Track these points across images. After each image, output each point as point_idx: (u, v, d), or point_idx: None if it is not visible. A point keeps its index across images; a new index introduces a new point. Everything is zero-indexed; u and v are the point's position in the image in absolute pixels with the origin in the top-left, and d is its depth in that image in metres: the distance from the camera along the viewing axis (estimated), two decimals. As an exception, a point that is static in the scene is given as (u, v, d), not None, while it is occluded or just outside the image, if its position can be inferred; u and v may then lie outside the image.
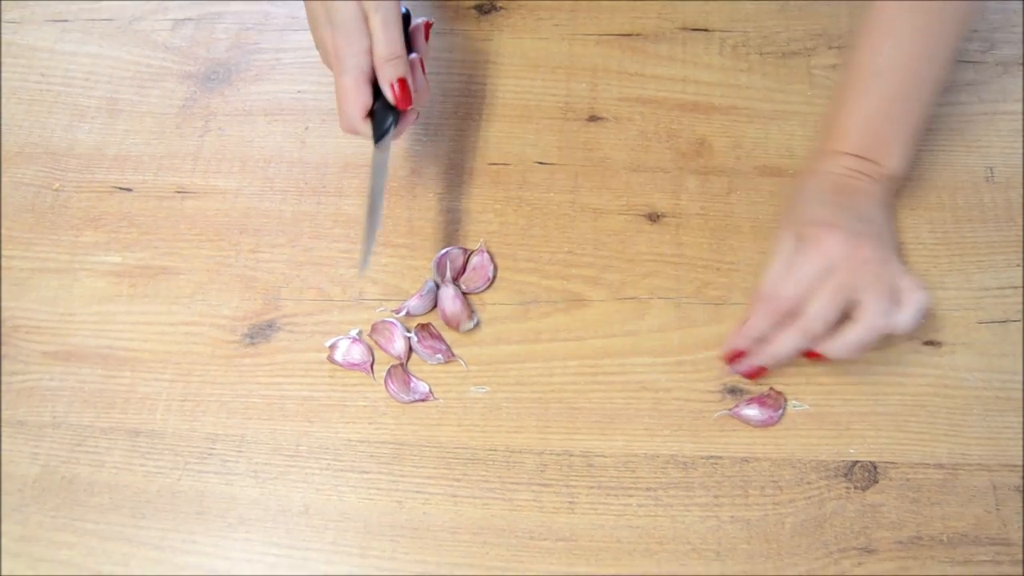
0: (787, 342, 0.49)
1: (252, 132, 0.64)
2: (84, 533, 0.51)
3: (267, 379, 0.55)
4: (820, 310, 0.48)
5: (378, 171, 0.53)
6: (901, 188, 0.57)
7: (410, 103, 0.51)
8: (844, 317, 0.49)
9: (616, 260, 0.58)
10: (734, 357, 0.52)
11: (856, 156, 0.53)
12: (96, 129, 0.65)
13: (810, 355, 0.51)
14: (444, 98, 0.64)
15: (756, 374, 0.52)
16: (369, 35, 0.49)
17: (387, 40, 0.49)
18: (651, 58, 0.65)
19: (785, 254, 0.50)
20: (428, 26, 0.54)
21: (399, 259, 0.58)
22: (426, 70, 0.54)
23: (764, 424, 0.52)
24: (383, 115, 0.51)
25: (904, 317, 0.49)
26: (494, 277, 0.57)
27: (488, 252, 0.58)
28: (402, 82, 0.50)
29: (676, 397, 0.53)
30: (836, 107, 0.55)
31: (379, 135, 0.51)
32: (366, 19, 0.49)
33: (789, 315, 0.49)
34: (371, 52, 0.50)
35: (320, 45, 0.52)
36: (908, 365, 0.54)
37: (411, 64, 0.51)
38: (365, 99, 0.50)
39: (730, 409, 0.52)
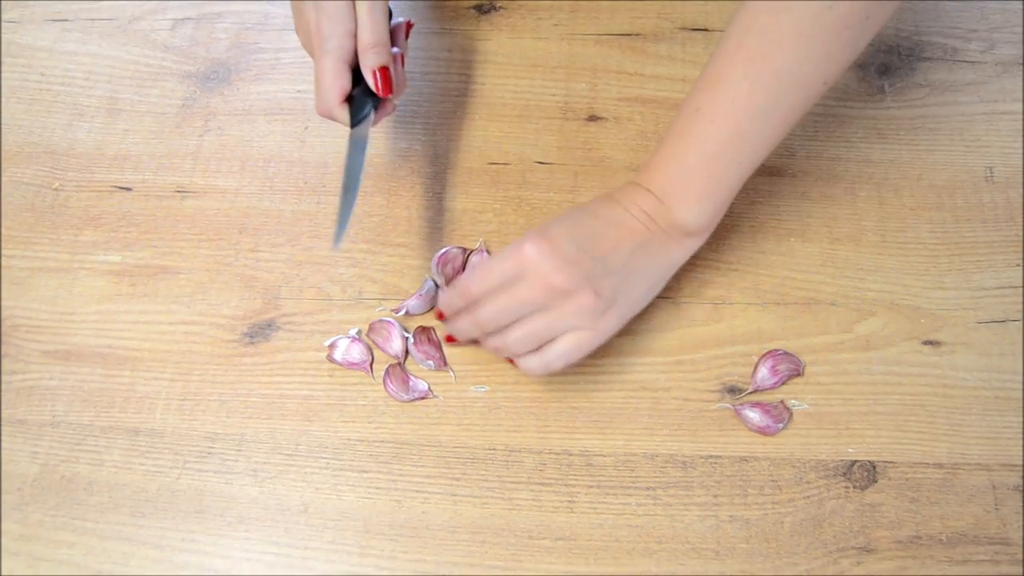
0: (463, 326, 0.51)
1: (252, 132, 0.64)
2: (84, 532, 0.51)
3: (266, 378, 0.55)
4: (488, 314, 0.49)
5: (354, 151, 0.52)
6: (706, 242, 0.52)
7: (391, 92, 0.51)
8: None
9: (615, 260, 0.58)
10: (439, 316, 0.53)
11: (653, 196, 0.49)
12: (96, 128, 0.65)
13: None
14: (444, 98, 0.65)
15: (449, 339, 0.53)
16: (355, 20, 0.50)
17: (373, 26, 0.49)
18: (651, 58, 0.65)
19: (505, 249, 0.49)
20: (409, 26, 0.54)
21: (398, 258, 0.58)
22: (405, 66, 0.54)
23: (762, 431, 0.52)
24: (362, 101, 0.51)
25: (529, 362, 0.49)
26: (493, 276, 0.57)
27: (487, 251, 0.58)
28: (384, 70, 0.50)
29: (675, 397, 0.53)
30: (664, 139, 0.50)
31: (356, 121, 0.51)
32: (352, 5, 0.49)
33: (474, 303, 0.49)
34: (355, 37, 0.50)
35: (301, 28, 0.52)
36: (907, 365, 0.54)
37: (393, 58, 0.51)
38: (344, 82, 0.50)
39: (732, 404, 0.52)
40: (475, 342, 0.53)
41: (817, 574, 0.48)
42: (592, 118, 0.63)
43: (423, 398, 0.54)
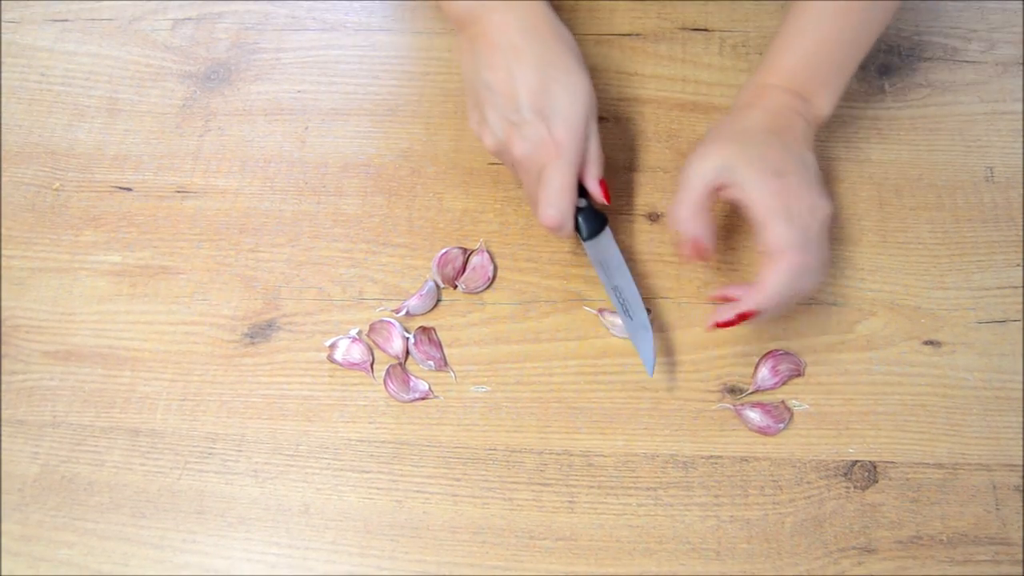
0: (776, 279, 0.47)
1: (252, 132, 0.64)
2: (84, 532, 0.51)
3: (267, 378, 0.55)
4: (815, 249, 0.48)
5: (606, 260, 0.53)
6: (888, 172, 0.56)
7: (610, 201, 0.53)
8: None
9: (616, 260, 0.58)
10: (723, 299, 0.50)
11: (792, 93, 0.52)
12: (96, 129, 0.65)
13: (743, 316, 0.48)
14: (444, 98, 0.64)
15: (742, 319, 0.49)
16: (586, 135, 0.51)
17: (598, 141, 0.52)
18: (651, 58, 0.65)
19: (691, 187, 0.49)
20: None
21: (399, 259, 0.58)
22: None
23: (762, 431, 0.52)
24: (592, 213, 0.53)
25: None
26: (494, 277, 0.57)
27: (488, 252, 0.58)
28: (604, 181, 0.53)
29: (676, 397, 0.53)
30: (777, 41, 0.54)
31: (591, 231, 0.53)
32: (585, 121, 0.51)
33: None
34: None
35: (527, 136, 0.51)
36: (908, 365, 0.54)
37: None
38: (576, 193, 0.51)
39: (733, 404, 0.52)
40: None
41: (818, 574, 0.48)
42: (592, 118, 0.63)
43: (424, 398, 0.54)
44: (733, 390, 0.53)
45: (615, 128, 0.63)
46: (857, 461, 0.51)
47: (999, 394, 0.53)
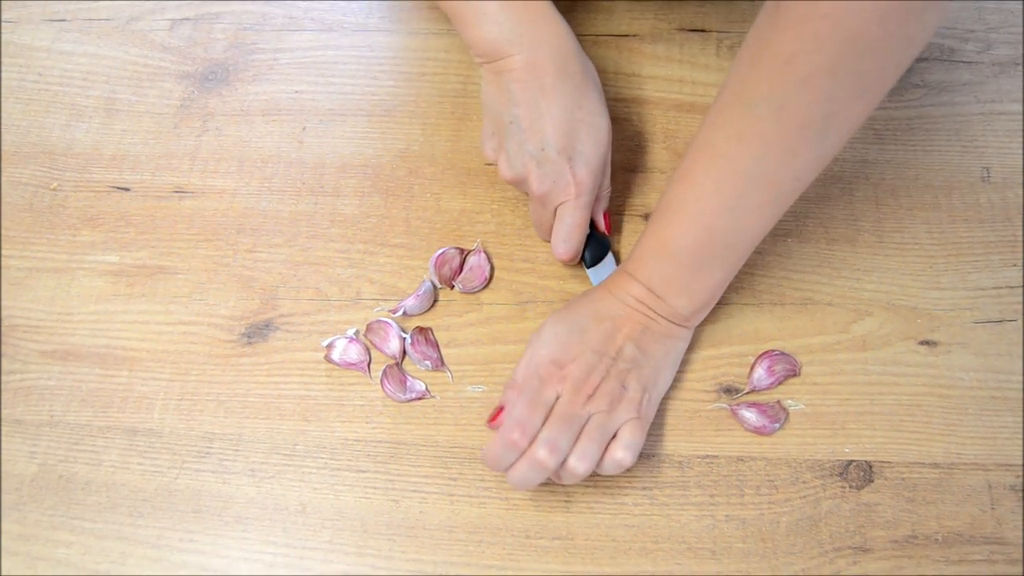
0: (524, 473, 0.46)
1: (250, 132, 0.64)
2: (81, 532, 0.51)
3: (264, 378, 0.55)
4: (549, 441, 0.46)
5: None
6: (699, 322, 0.53)
7: (610, 233, 0.57)
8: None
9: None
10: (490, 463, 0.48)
11: (643, 286, 0.50)
12: (94, 129, 0.65)
13: None
14: (442, 99, 0.65)
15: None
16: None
17: (610, 181, 0.56)
18: (648, 59, 0.65)
19: (526, 358, 0.49)
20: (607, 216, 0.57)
21: (396, 259, 0.58)
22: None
23: (758, 431, 0.52)
24: (596, 242, 0.56)
25: (604, 466, 0.47)
26: (491, 277, 0.58)
27: (485, 252, 0.58)
28: (608, 213, 0.57)
29: (672, 397, 0.53)
30: (646, 227, 0.51)
31: (594, 259, 0.56)
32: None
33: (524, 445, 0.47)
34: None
35: (548, 169, 0.52)
36: (904, 365, 0.54)
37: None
38: (587, 230, 0.55)
39: (728, 404, 0.52)
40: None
41: (813, 574, 0.49)
42: (589, 118, 0.63)
43: (420, 398, 0.54)
44: (729, 390, 0.54)
45: (613, 129, 0.62)
46: (853, 461, 0.51)
47: (995, 394, 0.53)
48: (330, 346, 0.55)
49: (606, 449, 0.47)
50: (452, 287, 0.57)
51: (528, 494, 0.51)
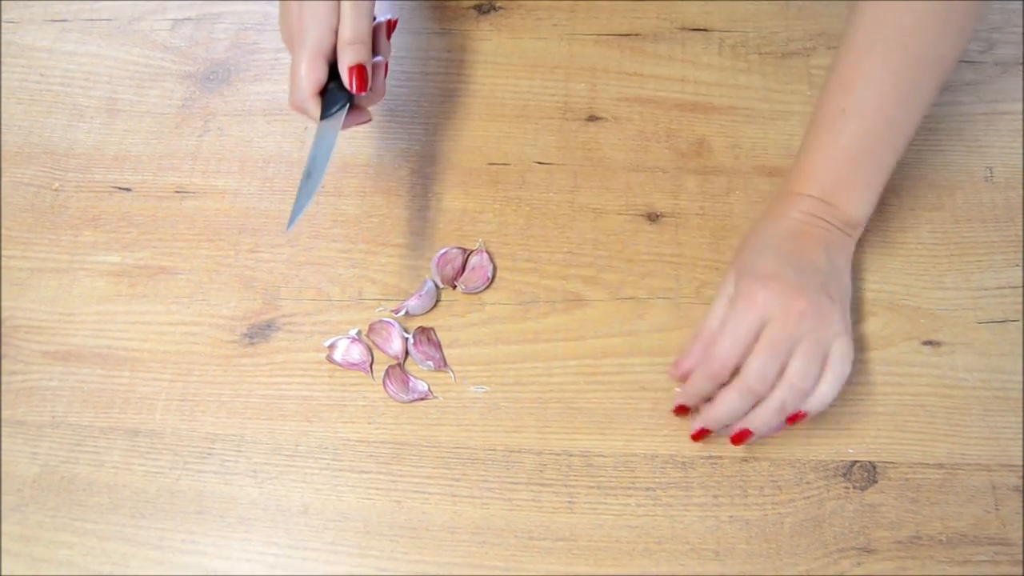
0: (728, 404, 0.47)
1: (251, 132, 0.64)
2: (83, 533, 0.51)
3: (266, 379, 0.55)
4: (758, 368, 0.46)
5: (320, 142, 0.50)
6: (872, 226, 0.54)
7: (365, 90, 0.50)
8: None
9: (615, 260, 0.58)
10: (681, 411, 0.51)
11: (816, 199, 0.51)
12: (95, 129, 0.65)
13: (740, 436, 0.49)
14: (443, 98, 0.64)
15: (701, 436, 0.50)
16: (337, 16, 0.49)
17: (354, 24, 0.49)
18: (650, 58, 0.65)
19: (720, 305, 0.50)
20: (391, 24, 0.53)
21: (398, 259, 0.58)
22: (387, 75, 0.54)
23: (773, 431, 0.52)
24: (336, 95, 0.50)
25: (816, 398, 0.47)
26: (493, 277, 0.57)
27: (487, 252, 0.58)
28: (360, 68, 0.50)
29: (675, 396, 0.53)
30: (802, 147, 0.53)
31: (327, 115, 0.50)
32: (337, 3, 0.49)
33: (729, 373, 0.47)
34: (335, 33, 0.50)
35: (285, 23, 0.51)
36: (907, 365, 0.54)
37: (375, 65, 0.51)
38: (319, 75, 0.49)
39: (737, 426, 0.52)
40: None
41: (817, 574, 0.48)
42: (592, 118, 0.63)
43: (423, 399, 0.54)
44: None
45: (614, 128, 0.63)
46: (856, 461, 0.51)
47: (998, 394, 0.53)
48: (332, 346, 0.55)
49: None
50: (454, 287, 0.57)
51: (531, 495, 0.51)
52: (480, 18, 0.68)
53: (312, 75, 0.49)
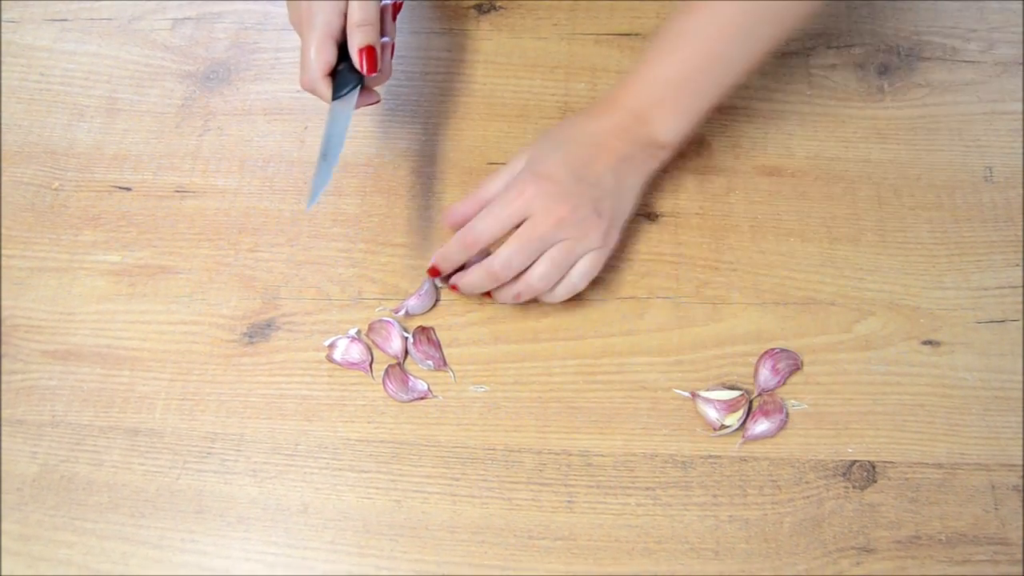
0: (475, 279, 0.52)
1: (251, 131, 0.64)
2: (83, 532, 0.51)
3: (266, 378, 0.55)
4: (503, 260, 0.50)
5: (334, 122, 0.52)
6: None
7: (375, 71, 0.51)
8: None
9: (615, 260, 0.58)
10: (434, 273, 0.54)
11: (630, 113, 0.52)
12: (95, 128, 0.65)
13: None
14: (443, 97, 0.64)
15: (454, 288, 0.54)
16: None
17: (363, 5, 0.50)
18: (650, 58, 0.65)
19: (502, 178, 0.53)
20: (397, 6, 0.55)
21: (398, 258, 0.58)
22: (393, 56, 0.55)
23: (778, 430, 0.52)
24: (346, 77, 0.52)
25: (555, 292, 0.52)
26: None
27: (488, 252, 0.58)
28: (370, 49, 0.51)
29: (675, 397, 0.53)
30: (637, 60, 0.54)
31: (338, 96, 0.52)
32: None
33: (478, 249, 0.52)
34: (344, 16, 0.50)
35: (293, 4, 0.52)
36: (907, 365, 0.54)
37: (383, 46, 0.52)
38: (329, 57, 0.50)
39: (744, 436, 0.52)
40: (486, 295, 0.54)
41: (816, 574, 0.48)
42: (592, 118, 0.63)
43: (422, 398, 0.54)
44: (732, 390, 0.53)
45: (614, 128, 0.62)
46: (856, 461, 0.51)
47: (998, 394, 0.53)
48: (332, 346, 0.55)
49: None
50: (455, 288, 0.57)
51: (531, 494, 0.51)
52: (480, 18, 0.68)
53: (322, 56, 0.50)
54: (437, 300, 0.57)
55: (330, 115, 0.52)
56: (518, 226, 0.50)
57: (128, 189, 0.62)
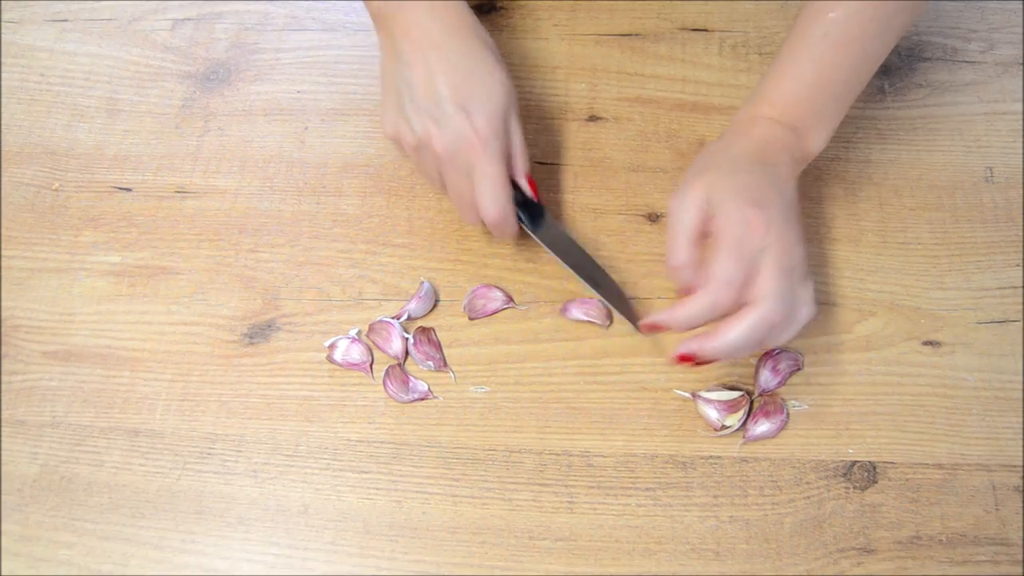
0: (696, 308, 0.45)
1: (251, 132, 0.64)
2: (83, 533, 0.51)
3: (266, 379, 0.55)
4: (773, 300, 0.44)
5: (557, 243, 0.55)
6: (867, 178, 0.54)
7: (537, 198, 0.55)
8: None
9: (616, 260, 0.58)
10: (685, 359, 0.47)
11: (783, 125, 0.50)
12: (96, 129, 0.65)
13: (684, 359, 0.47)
14: (443, 98, 0.64)
15: (686, 360, 0.47)
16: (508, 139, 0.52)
17: (522, 135, 0.53)
18: (650, 58, 0.65)
19: (695, 222, 0.47)
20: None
21: (398, 259, 0.58)
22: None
23: (779, 431, 0.52)
24: (530, 202, 0.54)
25: (784, 333, 0.46)
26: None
27: (500, 288, 0.57)
28: (532, 178, 0.54)
29: (675, 397, 0.53)
30: (772, 68, 0.52)
31: (535, 217, 0.54)
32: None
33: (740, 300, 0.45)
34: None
35: (445, 136, 0.51)
36: (907, 365, 0.54)
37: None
38: (511, 188, 0.52)
39: (744, 437, 0.52)
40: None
41: (817, 574, 0.48)
42: (592, 118, 0.63)
43: (423, 399, 0.54)
44: (733, 390, 0.53)
45: (615, 128, 0.63)
46: (856, 461, 0.51)
47: (999, 394, 0.53)
48: (332, 346, 0.55)
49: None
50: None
51: (531, 495, 0.51)
52: (481, 18, 0.68)
53: (509, 184, 0.52)
54: (437, 302, 0.57)
55: (550, 246, 0.55)
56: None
57: (128, 190, 0.62)
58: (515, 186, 0.53)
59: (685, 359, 0.46)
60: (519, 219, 0.54)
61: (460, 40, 0.51)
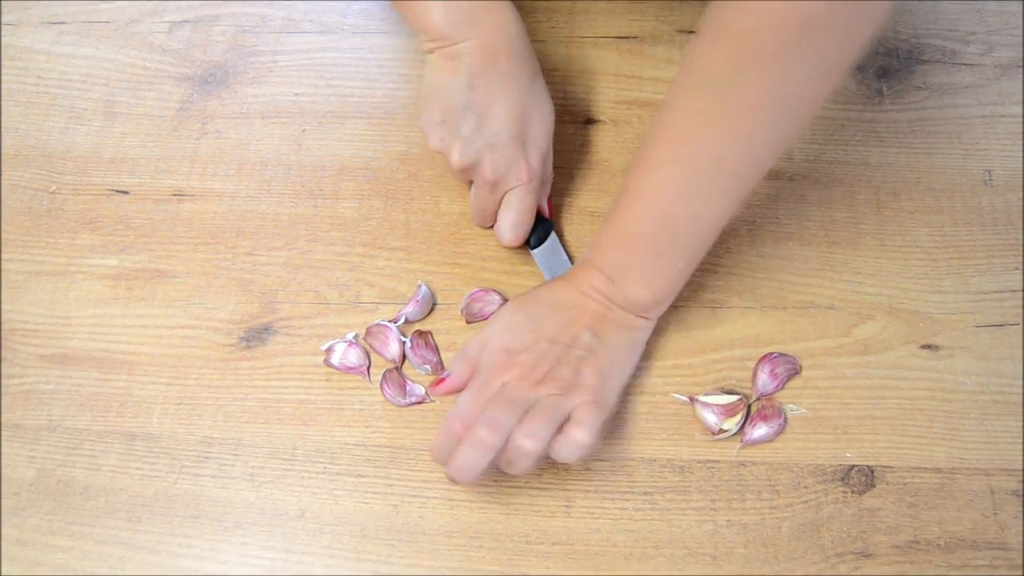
0: (470, 457, 0.45)
1: (249, 135, 0.64)
2: (80, 536, 0.51)
3: (263, 382, 0.55)
4: (490, 418, 0.45)
5: (551, 262, 0.57)
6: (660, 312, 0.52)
7: (551, 218, 0.58)
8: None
9: (613, 263, 0.57)
10: (437, 459, 0.48)
11: (602, 275, 0.49)
12: (93, 132, 0.65)
13: None
14: (441, 101, 0.64)
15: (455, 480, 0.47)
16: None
17: (551, 166, 0.56)
18: (648, 60, 0.65)
19: (473, 352, 0.50)
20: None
21: (395, 262, 0.58)
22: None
23: (776, 435, 0.52)
24: (541, 224, 0.56)
25: (559, 449, 0.46)
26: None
27: (496, 292, 0.57)
28: (550, 198, 0.58)
29: (673, 401, 0.53)
30: (607, 216, 0.51)
31: (540, 240, 0.57)
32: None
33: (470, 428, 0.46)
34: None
35: (497, 159, 0.52)
36: (905, 369, 0.54)
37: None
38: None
39: (742, 441, 0.52)
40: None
41: (815, 579, 0.48)
42: (589, 121, 0.63)
43: (420, 402, 0.54)
44: (731, 394, 0.53)
45: (612, 131, 0.62)
46: (854, 466, 0.51)
47: (997, 398, 0.53)
48: (329, 350, 0.55)
49: (560, 432, 0.46)
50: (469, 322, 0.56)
51: (528, 499, 0.51)
52: (478, 20, 0.68)
53: (535, 212, 0.55)
54: (434, 305, 0.57)
55: (541, 264, 0.57)
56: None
57: (125, 192, 0.62)
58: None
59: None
60: (527, 239, 0.56)
61: (524, 68, 0.52)
